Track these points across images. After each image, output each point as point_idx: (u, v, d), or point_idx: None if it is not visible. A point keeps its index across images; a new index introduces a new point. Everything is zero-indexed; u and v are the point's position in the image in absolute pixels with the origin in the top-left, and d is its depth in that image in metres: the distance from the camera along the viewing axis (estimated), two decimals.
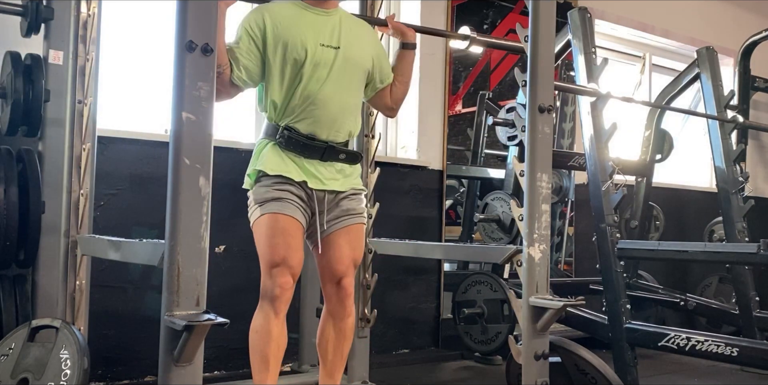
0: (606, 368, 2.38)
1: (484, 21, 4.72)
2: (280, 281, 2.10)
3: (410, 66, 2.53)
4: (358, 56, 2.31)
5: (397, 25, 2.54)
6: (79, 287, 2.40)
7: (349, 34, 2.30)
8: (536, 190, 2.23)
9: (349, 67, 2.28)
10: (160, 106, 3.30)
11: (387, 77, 2.47)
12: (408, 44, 2.52)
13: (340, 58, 2.25)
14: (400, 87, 2.51)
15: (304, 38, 2.21)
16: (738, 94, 5.25)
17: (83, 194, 2.41)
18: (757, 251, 2.90)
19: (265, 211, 2.17)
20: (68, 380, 1.98)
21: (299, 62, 2.20)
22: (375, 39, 2.46)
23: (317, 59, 2.21)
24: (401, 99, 2.53)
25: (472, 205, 4.55)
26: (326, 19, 2.28)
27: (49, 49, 2.36)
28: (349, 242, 2.30)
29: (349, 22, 2.34)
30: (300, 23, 2.23)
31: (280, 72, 2.22)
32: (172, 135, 1.57)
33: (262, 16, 2.22)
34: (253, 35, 2.20)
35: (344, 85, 2.28)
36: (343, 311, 2.29)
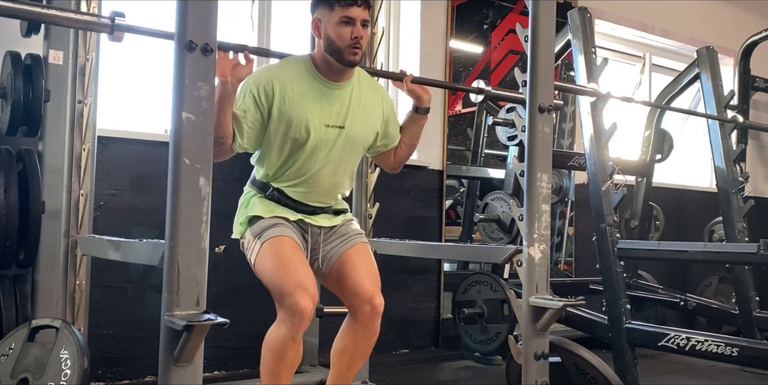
0: (606, 368, 2.38)
1: (484, 21, 4.72)
2: (301, 305, 1.98)
3: (419, 129, 2.42)
4: (361, 134, 2.26)
5: (413, 87, 2.36)
6: (79, 287, 2.40)
7: (358, 108, 2.23)
8: (536, 190, 2.23)
9: (349, 145, 2.24)
10: (160, 106, 3.30)
11: (392, 142, 2.40)
12: (421, 109, 2.38)
13: (342, 138, 2.20)
14: (405, 149, 2.43)
15: (309, 119, 2.14)
16: (738, 94, 5.25)
17: (83, 194, 2.41)
18: (757, 251, 2.90)
19: (264, 239, 2.12)
20: (68, 380, 1.98)
21: (300, 142, 2.16)
22: (386, 104, 2.35)
23: (319, 141, 2.17)
24: (404, 160, 2.46)
25: (472, 205, 4.55)
26: (337, 94, 2.20)
27: (49, 49, 2.36)
28: (362, 259, 2.25)
29: (360, 91, 2.26)
30: (308, 100, 2.15)
31: (279, 146, 2.17)
32: (172, 135, 1.57)
33: (272, 84, 2.13)
34: (260, 105, 2.12)
35: (342, 163, 2.25)
36: (371, 330, 2.19)
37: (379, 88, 2.37)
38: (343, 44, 2.13)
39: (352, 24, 2.13)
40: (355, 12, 2.13)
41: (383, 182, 3.15)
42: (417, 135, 2.43)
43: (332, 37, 2.14)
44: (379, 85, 2.39)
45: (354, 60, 2.15)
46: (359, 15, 2.14)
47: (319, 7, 2.19)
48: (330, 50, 2.16)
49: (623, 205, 3.79)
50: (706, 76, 4.10)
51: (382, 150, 2.41)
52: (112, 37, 1.82)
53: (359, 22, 2.14)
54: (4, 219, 2.22)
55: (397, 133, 2.41)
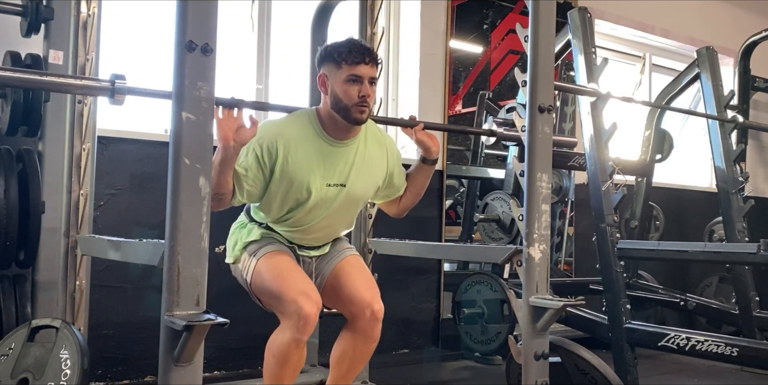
0: (606, 368, 2.38)
1: (484, 21, 4.72)
2: (305, 311, 1.98)
3: (426, 180, 2.40)
4: (362, 190, 2.25)
5: (422, 138, 2.31)
6: (79, 287, 2.40)
7: (361, 166, 2.21)
8: (536, 190, 2.23)
9: (349, 201, 2.23)
10: (160, 106, 3.29)
11: (397, 191, 2.40)
12: (429, 160, 2.35)
13: (342, 195, 2.19)
14: (410, 197, 2.42)
15: (311, 179, 2.12)
16: (738, 94, 5.25)
17: (83, 194, 2.42)
18: (757, 251, 2.90)
19: (260, 255, 2.14)
20: (68, 380, 1.98)
21: (300, 201, 2.15)
22: (392, 156, 2.33)
23: (318, 200, 2.16)
24: (409, 208, 2.44)
25: (472, 205, 4.55)
26: (341, 152, 2.17)
27: (49, 49, 2.36)
28: (355, 269, 2.26)
29: (365, 149, 2.23)
30: (312, 162, 2.12)
31: (279, 204, 2.17)
32: (172, 135, 1.57)
33: (276, 145, 2.09)
34: (263, 164, 2.08)
35: (340, 216, 2.26)
36: (371, 336, 2.19)
37: (385, 141, 2.33)
38: (350, 103, 2.09)
39: (360, 82, 2.09)
40: (362, 70, 2.09)
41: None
42: (423, 185, 2.40)
43: (339, 95, 2.10)
44: (386, 138, 2.35)
45: (361, 118, 2.12)
46: (367, 73, 2.10)
47: (326, 63, 2.14)
48: (336, 108, 2.12)
49: (623, 205, 3.79)
50: (706, 76, 4.09)
51: (386, 200, 2.41)
52: (113, 100, 1.79)
53: (367, 79, 2.10)
54: (4, 219, 2.22)
55: (402, 183, 2.39)
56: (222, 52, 1.87)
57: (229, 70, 3.59)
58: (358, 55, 2.08)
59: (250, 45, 3.71)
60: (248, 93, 3.70)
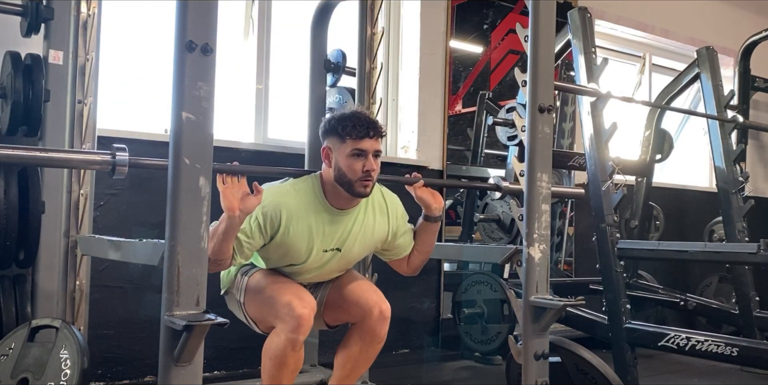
0: (606, 368, 2.38)
1: (484, 21, 4.72)
2: (298, 312, 1.99)
3: (433, 237, 2.37)
4: (358, 254, 2.26)
5: (422, 195, 2.29)
6: (79, 287, 2.40)
7: (359, 232, 2.21)
8: (536, 190, 2.23)
9: (343, 263, 2.25)
10: (160, 106, 3.30)
11: (403, 251, 2.37)
12: (431, 217, 2.32)
13: (336, 258, 2.20)
14: (418, 256, 2.38)
15: (309, 248, 2.14)
16: (738, 94, 5.25)
17: (83, 194, 2.42)
18: (757, 251, 2.90)
19: (251, 273, 2.17)
20: (68, 380, 1.98)
21: (295, 265, 2.18)
22: (396, 218, 2.31)
23: (314, 263, 2.18)
24: (419, 267, 2.41)
25: (472, 205, 4.55)
26: (341, 220, 2.18)
27: (49, 49, 2.36)
28: (355, 278, 2.28)
29: (365, 217, 2.23)
30: (312, 231, 2.13)
31: (274, 262, 2.19)
32: (172, 135, 1.57)
33: (279, 215, 2.08)
34: (264, 233, 2.08)
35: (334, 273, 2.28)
36: (378, 336, 2.19)
37: (387, 205, 2.31)
38: (354, 177, 2.09)
39: (364, 156, 2.08)
40: (366, 144, 2.08)
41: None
42: (430, 242, 2.37)
43: (343, 168, 2.10)
44: (389, 200, 2.33)
45: (365, 192, 2.12)
46: (371, 147, 2.09)
47: (330, 136, 2.13)
48: (340, 181, 2.11)
49: (623, 205, 3.79)
50: (706, 76, 4.09)
51: (394, 258, 2.39)
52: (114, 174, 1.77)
53: (371, 153, 2.10)
54: (4, 219, 2.22)
55: (408, 242, 2.36)
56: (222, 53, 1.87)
57: (229, 70, 3.59)
58: (362, 130, 2.07)
59: (250, 45, 3.71)
60: (248, 93, 3.70)
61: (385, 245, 2.32)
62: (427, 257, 2.40)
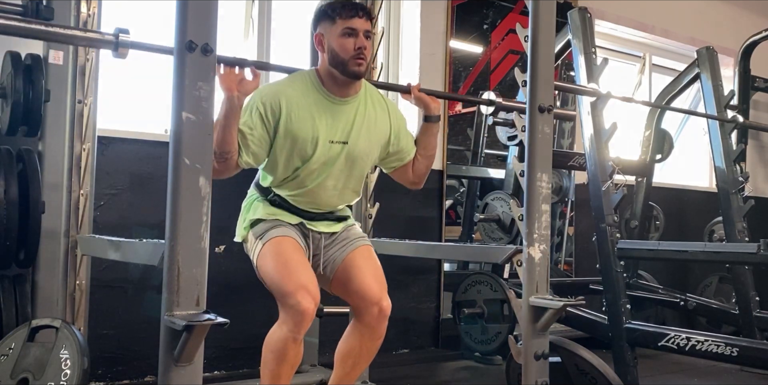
0: (606, 368, 2.39)
1: (484, 21, 4.72)
2: (303, 306, 1.99)
3: (434, 139, 2.39)
4: (365, 150, 2.24)
5: (420, 96, 2.35)
6: (79, 287, 2.40)
7: (363, 125, 2.21)
8: (536, 191, 2.23)
9: (351, 160, 2.22)
10: (160, 106, 3.30)
11: (407, 155, 2.37)
12: (431, 117, 2.36)
13: (344, 153, 2.19)
14: (422, 161, 2.38)
15: (315, 136, 2.13)
16: (738, 94, 5.25)
17: (83, 194, 2.42)
18: (757, 251, 2.90)
19: (266, 240, 2.13)
20: (68, 380, 1.98)
21: (304, 159, 2.16)
22: (395, 118, 2.32)
23: (322, 157, 2.16)
24: (424, 174, 2.41)
25: (472, 205, 4.55)
26: (342, 110, 2.19)
27: (49, 49, 2.36)
28: (367, 262, 2.24)
29: (366, 108, 2.24)
30: (314, 118, 2.14)
31: (284, 163, 2.16)
32: (172, 135, 1.57)
33: (278, 102, 2.11)
34: (267, 123, 2.10)
35: (343, 177, 2.24)
36: (377, 333, 2.19)
37: (387, 103, 2.33)
38: (346, 56, 2.12)
39: (355, 35, 2.12)
40: (357, 23, 2.12)
41: (383, 182, 3.15)
42: (432, 145, 2.39)
43: (336, 49, 2.13)
44: (389, 101, 2.36)
45: (359, 71, 2.14)
46: (361, 26, 2.13)
47: (321, 21, 2.18)
48: (334, 63, 2.14)
49: (623, 205, 3.79)
50: (706, 76, 4.10)
51: (398, 165, 2.38)
52: (116, 53, 1.79)
53: (362, 33, 2.13)
54: (4, 219, 2.22)
55: (411, 146, 2.37)
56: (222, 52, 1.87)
57: None
58: (351, 10, 2.13)
59: (250, 46, 3.71)
60: None
61: (389, 147, 2.31)
62: (431, 163, 2.41)
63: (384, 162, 2.38)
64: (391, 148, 2.32)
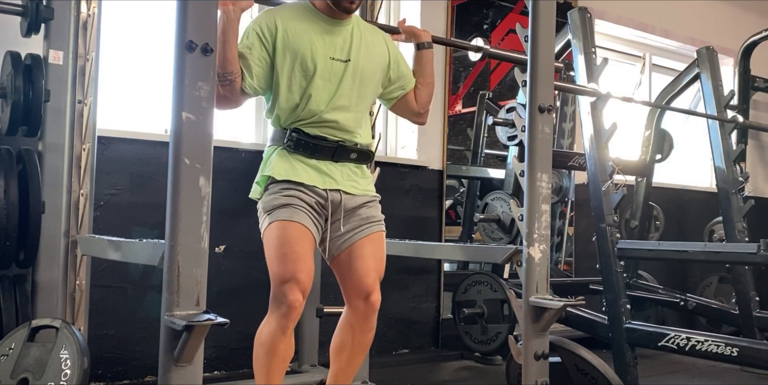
0: (606, 368, 2.38)
1: (484, 21, 4.72)
2: (289, 298, 2.01)
3: (430, 65, 2.44)
4: (368, 68, 2.25)
5: (408, 28, 2.45)
6: (79, 287, 2.40)
7: (360, 44, 2.24)
8: (536, 190, 2.23)
9: (358, 79, 2.22)
10: (160, 106, 3.30)
11: (408, 82, 2.39)
12: (423, 44, 2.43)
13: (349, 71, 2.20)
14: (423, 89, 2.42)
15: (314, 50, 2.14)
16: (738, 94, 5.25)
17: (83, 194, 2.41)
18: (757, 251, 2.90)
19: (273, 219, 2.11)
20: (68, 380, 1.98)
21: (308, 75, 2.15)
22: (391, 44, 2.37)
23: (326, 73, 2.16)
24: (427, 102, 2.44)
25: (472, 205, 4.55)
26: (338, 30, 2.21)
27: (49, 49, 2.35)
28: (373, 252, 2.23)
29: (361, 31, 2.27)
30: (310, 34, 2.16)
31: (288, 82, 2.16)
32: (172, 135, 1.57)
33: (273, 21, 2.14)
34: (265, 41, 2.12)
35: (354, 98, 2.22)
36: (367, 325, 2.20)
37: (378, 30, 2.38)
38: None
39: None
40: None
41: (383, 182, 3.15)
42: (429, 72, 2.43)
43: None
44: (382, 32, 2.39)
45: (350, 8, 2.18)
46: None
47: None
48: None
49: (623, 205, 3.79)
50: (706, 76, 4.10)
51: (400, 94, 2.39)
52: None
53: None
54: (4, 219, 2.21)
55: (410, 73, 2.41)
56: None
57: None
58: None
59: None
60: None
61: (390, 71, 2.33)
62: (432, 90, 2.45)
63: (387, 92, 2.38)
64: (392, 73, 2.34)
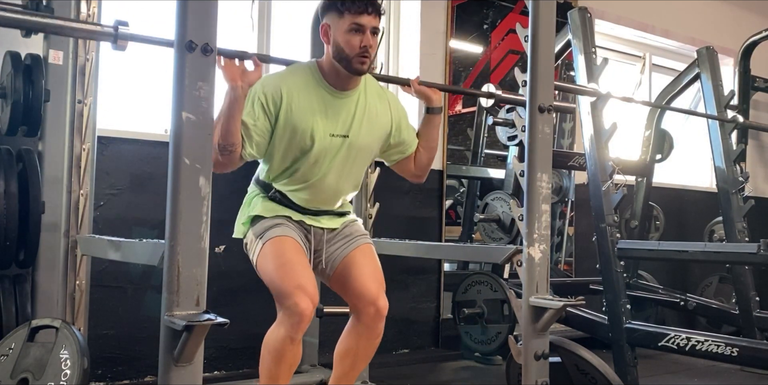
0: (606, 368, 2.38)
1: (484, 21, 4.72)
2: (301, 307, 1.98)
3: (436, 131, 2.37)
4: (366, 143, 2.22)
5: (420, 88, 2.34)
6: (79, 287, 2.40)
7: (363, 118, 2.20)
8: (536, 190, 2.23)
9: (353, 154, 2.20)
10: (160, 106, 3.30)
11: (409, 147, 2.35)
12: (433, 109, 2.34)
13: (345, 146, 2.17)
14: (424, 153, 2.37)
15: (314, 128, 2.11)
16: (738, 94, 5.25)
17: (83, 194, 2.42)
18: (757, 251, 2.90)
19: (266, 239, 2.12)
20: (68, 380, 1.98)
21: (303, 151, 2.14)
22: (396, 110, 2.31)
23: (322, 150, 2.14)
24: (427, 166, 2.39)
25: (472, 205, 4.55)
26: (343, 103, 2.17)
27: (49, 49, 2.36)
28: (368, 262, 2.23)
29: (366, 100, 2.22)
30: (314, 110, 2.13)
31: (283, 153, 2.15)
32: (172, 135, 1.57)
33: (279, 91, 2.10)
34: (268, 112, 2.09)
35: (345, 172, 2.22)
36: (373, 332, 2.18)
37: (388, 95, 2.32)
38: (351, 53, 2.09)
39: (362, 32, 2.09)
40: (365, 19, 2.09)
41: (383, 182, 3.15)
42: (434, 137, 2.37)
43: (341, 44, 2.10)
44: (389, 93, 2.35)
45: (362, 69, 2.12)
46: (369, 23, 2.10)
47: (329, 12, 2.14)
48: (338, 58, 2.12)
49: (623, 205, 3.79)
50: (706, 76, 4.10)
51: (400, 157, 2.37)
52: (116, 46, 1.79)
53: (369, 30, 2.10)
54: (4, 219, 2.22)
55: (413, 138, 2.36)
56: None
57: None
58: (360, 5, 2.09)
59: (250, 44, 3.71)
60: None
61: (391, 139, 2.30)
62: (433, 155, 2.40)
63: (386, 154, 2.36)
64: (392, 140, 2.31)
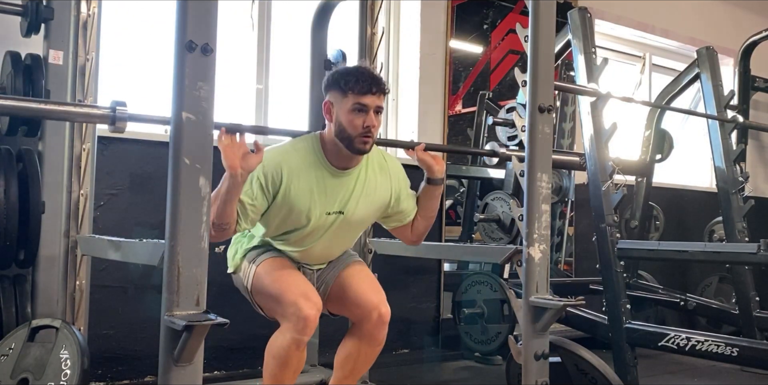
0: (606, 368, 2.38)
1: (484, 21, 4.72)
2: (305, 312, 1.97)
3: (436, 201, 2.34)
4: (361, 218, 2.22)
5: (423, 157, 2.27)
6: (79, 287, 2.40)
7: (362, 194, 2.19)
8: (536, 190, 2.23)
9: (345, 227, 2.20)
10: (160, 106, 3.30)
11: (407, 216, 2.33)
12: (434, 179, 2.30)
13: (339, 221, 2.17)
14: (422, 222, 2.34)
15: (311, 208, 2.11)
16: (738, 94, 5.25)
17: (83, 194, 2.42)
18: (757, 251, 2.90)
19: (259, 262, 2.14)
20: (68, 380, 1.98)
21: (298, 227, 2.15)
22: (396, 183, 2.28)
23: (316, 226, 2.14)
24: (423, 233, 2.36)
25: (472, 205, 4.55)
26: (342, 181, 2.15)
27: (49, 49, 2.36)
28: (364, 276, 2.25)
29: (367, 175, 2.21)
30: (313, 190, 2.11)
31: (276, 226, 2.16)
32: (172, 135, 1.57)
33: (280, 173, 2.07)
34: (266, 193, 2.06)
35: (337, 240, 2.24)
36: (375, 339, 2.18)
37: (389, 166, 2.29)
38: (354, 133, 2.06)
39: (365, 112, 2.06)
40: (369, 99, 2.05)
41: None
42: (433, 208, 2.34)
43: (343, 123, 2.07)
44: (391, 162, 2.32)
45: (364, 149, 2.09)
46: (373, 102, 2.07)
47: (332, 90, 2.10)
48: (340, 136, 2.09)
49: (623, 205, 3.79)
50: (706, 76, 4.09)
51: (397, 225, 2.35)
52: (114, 128, 1.76)
53: (373, 109, 2.07)
54: (4, 219, 2.22)
55: (412, 207, 2.34)
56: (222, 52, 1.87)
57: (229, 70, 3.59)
58: (365, 85, 2.05)
59: (250, 44, 3.71)
60: (248, 93, 3.70)
61: (389, 209, 2.28)
62: (431, 223, 2.37)
63: (384, 220, 2.36)
64: (390, 210, 2.30)
